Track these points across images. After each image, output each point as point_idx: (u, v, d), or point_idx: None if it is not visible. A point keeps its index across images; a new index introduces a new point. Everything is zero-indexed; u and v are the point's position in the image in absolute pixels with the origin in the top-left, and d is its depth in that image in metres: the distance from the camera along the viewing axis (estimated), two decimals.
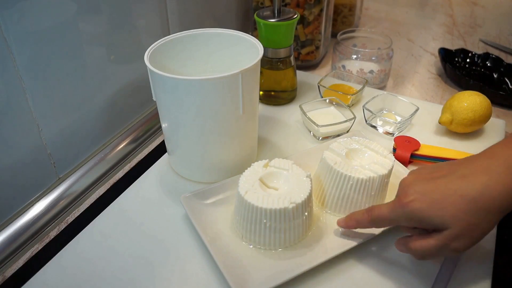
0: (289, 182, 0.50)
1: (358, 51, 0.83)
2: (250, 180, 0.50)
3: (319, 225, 0.53)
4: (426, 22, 1.19)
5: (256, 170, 0.51)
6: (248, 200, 0.47)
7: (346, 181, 0.52)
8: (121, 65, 0.66)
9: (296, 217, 0.48)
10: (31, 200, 0.56)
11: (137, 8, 0.65)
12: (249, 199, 0.47)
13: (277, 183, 0.51)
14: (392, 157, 0.54)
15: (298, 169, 0.52)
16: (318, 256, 0.48)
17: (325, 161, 0.54)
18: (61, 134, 0.58)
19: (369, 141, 0.56)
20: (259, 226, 0.48)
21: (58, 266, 0.49)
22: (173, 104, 0.53)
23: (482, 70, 0.92)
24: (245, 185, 0.49)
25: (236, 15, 0.94)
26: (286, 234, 0.49)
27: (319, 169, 0.56)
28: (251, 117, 0.58)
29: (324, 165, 0.54)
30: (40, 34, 0.51)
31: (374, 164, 0.53)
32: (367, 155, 0.55)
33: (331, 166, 0.52)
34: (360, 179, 0.51)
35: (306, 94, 0.80)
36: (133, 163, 0.67)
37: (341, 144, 0.56)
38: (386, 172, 0.52)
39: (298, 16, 0.70)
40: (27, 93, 0.52)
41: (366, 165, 0.53)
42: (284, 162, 0.52)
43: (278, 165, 0.52)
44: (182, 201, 0.53)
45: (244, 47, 0.59)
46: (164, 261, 0.49)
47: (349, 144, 0.56)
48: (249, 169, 0.52)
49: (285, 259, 0.48)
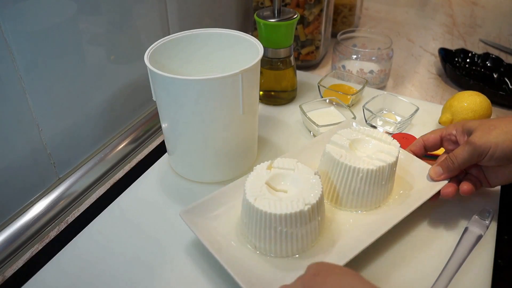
0: (297, 183, 0.47)
1: (358, 51, 0.83)
2: (256, 185, 0.46)
3: (331, 225, 0.51)
4: (426, 22, 1.19)
5: (260, 174, 0.48)
6: (259, 207, 0.44)
7: (355, 174, 0.49)
8: (121, 65, 0.66)
9: (312, 219, 0.45)
10: (31, 200, 0.56)
11: (137, 8, 0.65)
12: (260, 206, 0.44)
13: (284, 185, 0.48)
14: (397, 143, 0.53)
15: (304, 168, 0.49)
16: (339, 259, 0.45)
17: (329, 155, 0.51)
18: (61, 134, 0.58)
19: (370, 129, 0.55)
20: (274, 233, 0.45)
21: (58, 266, 0.49)
22: (173, 104, 0.53)
23: (482, 70, 0.92)
24: (253, 191, 0.46)
25: (236, 15, 0.93)
26: (304, 239, 0.46)
27: (322, 165, 0.54)
28: (251, 117, 0.58)
29: (329, 160, 0.51)
30: (40, 34, 0.51)
31: (380, 153, 0.51)
32: (371, 144, 0.53)
33: (337, 160, 0.50)
34: (370, 170, 0.49)
35: (306, 94, 0.80)
36: (133, 163, 0.67)
37: (343, 135, 0.54)
38: (394, 159, 0.50)
39: (298, 16, 0.70)
40: (27, 93, 0.52)
41: (372, 155, 0.51)
42: (288, 162, 0.49)
43: (282, 165, 0.49)
44: (182, 217, 0.49)
45: (244, 47, 0.59)
46: (164, 261, 0.49)
47: (350, 135, 0.54)
48: (252, 173, 0.48)
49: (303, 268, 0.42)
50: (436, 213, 0.55)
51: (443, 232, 0.52)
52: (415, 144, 0.58)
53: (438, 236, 0.52)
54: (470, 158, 0.51)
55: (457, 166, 0.52)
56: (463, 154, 0.51)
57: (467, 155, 0.51)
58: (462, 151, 0.51)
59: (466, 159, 0.51)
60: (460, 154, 0.52)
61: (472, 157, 0.51)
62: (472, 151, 0.50)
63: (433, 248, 0.50)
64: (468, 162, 0.51)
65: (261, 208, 0.44)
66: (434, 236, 0.52)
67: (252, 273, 0.45)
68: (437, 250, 0.50)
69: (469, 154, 0.51)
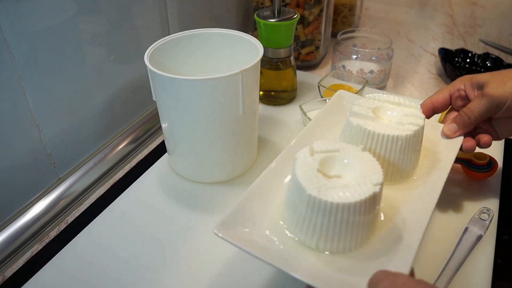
0: (349, 164, 0.42)
1: (358, 51, 0.83)
2: (310, 176, 0.40)
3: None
4: (426, 22, 1.19)
5: (307, 163, 0.41)
6: (328, 199, 0.38)
7: (394, 143, 0.46)
8: (121, 65, 0.66)
9: (380, 201, 0.40)
10: (31, 200, 0.56)
11: (137, 8, 0.65)
12: (328, 197, 0.38)
13: (339, 169, 0.42)
14: (416, 104, 0.50)
15: (348, 146, 0.43)
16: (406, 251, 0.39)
17: (359, 128, 0.47)
18: (61, 134, 0.58)
19: (386, 94, 0.51)
20: (345, 227, 0.39)
21: (57, 266, 0.49)
22: (173, 104, 0.53)
23: (482, 70, 0.92)
24: (311, 183, 0.39)
25: (236, 15, 0.94)
26: (370, 226, 0.41)
27: (349, 140, 0.49)
28: (251, 117, 0.58)
29: (359, 133, 0.47)
30: (40, 34, 0.51)
31: (407, 117, 0.48)
32: (393, 110, 0.50)
33: (371, 132, 0.46)
34: (408, 136, 0.46)
35: (306, 94, 0.80)
36: (133, 163, 0.67)
37: (363, 106, 0.50)
38: (423, 121, 0.48)
39: (298, 16, 0.70)
40: (27, 93, 0.52)
41: (401, 120, 0.48)
42: (329, 144, 0.43)
43: (326, 148, 0.43)
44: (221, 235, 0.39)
45: (244, 47, 0.59)
46: (164, 261, 0.49)
47: (369, 104, 0.50)
48: (297, 164, 0.41)
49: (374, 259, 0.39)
50: (436, 212, 0.55)
51: (443, 231, 0.52)
52: (423, 107, 0.56)
53: (438, 236, 0.52)
54: (487, 111, 0.50)
55: (474, 120, 0.51)
56: (479, 107, 0.50)
57: (484, 108, 0.50)
58: (479, 104, 0.50)
59: (483, 112, 0.50)
60: (476, 108, 0.50)
61: (489, 110, 0.50)
62: (489, 103, 0.49)
63: (433, 247, 0.50)
64: (484, 115, 0.51)
65: (330, 199, 0.37)
66: (434, 236, 0.52)
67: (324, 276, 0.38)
68: (437, 250, 0.50)
69: (486, 107, 0.50)
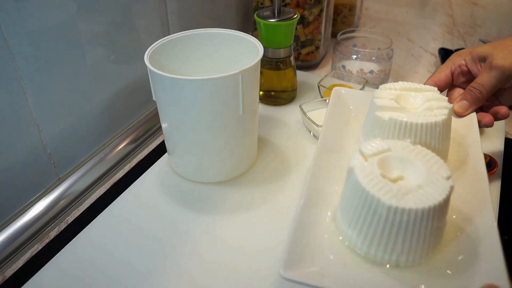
0: (407, 162, 0.39)
1: (358, 51, 0.83)
2: (377, 184, 0.36)
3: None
4: (426, 22, 1.19)
5: (369, 170, 0.38)
6: (412, 206, 0.34)
7: (433, 130, 0.43)
8: (121, 65, 0.66)
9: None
10: (31, 200, 0.56)
11: (137, 8, 0.65)
12: (412, 204, 0.34)
13: (400, 170, 0.40)
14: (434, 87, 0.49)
15: (397, 142, 0.41)
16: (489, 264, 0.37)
17: (393, 122, 0.44)
18: (61, 134, 0.58)
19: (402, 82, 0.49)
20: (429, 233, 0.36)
21: (57, 267, 0.49)
22: (173, 104, 0.53)
23: None
24: (385, 194, 0.35)
25: (236, 15, 0.94)
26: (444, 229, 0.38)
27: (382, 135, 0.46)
28: (251, 117, 0.58)
29: (393, 127, 0.45)
30: (40, 34, 0.51)
31: (432, 101, 0.46)
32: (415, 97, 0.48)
33: (408, 122, 0.43)
34: (444, 121, 0.44)
35: (306, 94, 0.80)
36: (133, 163, 0.67)
37: (384, 97, 0.47)
38: (450, 105, 0.46)
39: (298, 16, 0.70)
40: (27, 93, 0.52)
41: (429, 106, 0.46)
42: (378, 144, 0.41)
43: (377, 149, 0.40)
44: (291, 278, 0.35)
45: (244, 47, 0.59)
46: (164, 261, 0.49)
47: (389, 94, 0.48)
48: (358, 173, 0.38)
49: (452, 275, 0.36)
50: None
51: None
52: None
53: None
54: (498, 83, 0.49)
55: (486, 95, 0.49)
56: (490, 80, 0.49)
57: (494, 80, 0.48)
58: (489, 77, 0.49)
59: (494, 85, 0.49)
60: (486, 81, 0.49)
61: (501, 81, 0.49)
62: (499, 75, 0.48)
63: None
64: (496, 88, 0.49)
65: (414, 206, 0.34)
66: None
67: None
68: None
69: (496, 79, 0.48)
